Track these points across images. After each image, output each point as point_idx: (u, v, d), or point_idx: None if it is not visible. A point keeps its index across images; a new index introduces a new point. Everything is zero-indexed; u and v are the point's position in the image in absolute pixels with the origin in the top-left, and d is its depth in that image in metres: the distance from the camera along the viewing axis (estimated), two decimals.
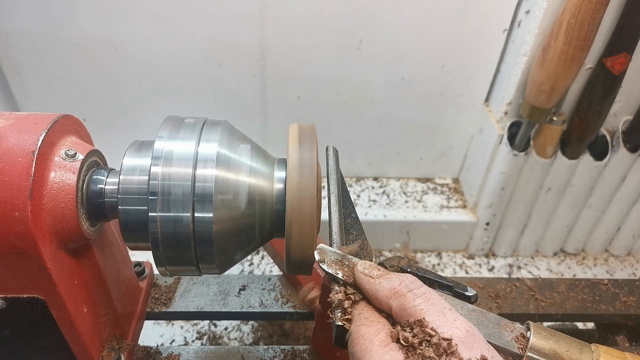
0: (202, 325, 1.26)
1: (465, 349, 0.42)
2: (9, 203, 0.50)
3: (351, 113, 1.40)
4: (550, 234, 1.46)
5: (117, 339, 0.69)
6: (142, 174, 0.56)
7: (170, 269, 0.57)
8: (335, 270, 0.51)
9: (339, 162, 0.63)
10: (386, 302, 0.47)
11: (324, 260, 0.51)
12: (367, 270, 0.49)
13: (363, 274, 0.49)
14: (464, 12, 1.21)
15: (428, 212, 1.47)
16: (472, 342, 0.43)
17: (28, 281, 0.54)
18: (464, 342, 0.42)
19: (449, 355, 0.41)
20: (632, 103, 1.22)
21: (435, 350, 0.41)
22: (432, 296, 0.46)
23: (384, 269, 0.50)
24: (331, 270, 0.51)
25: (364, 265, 0.50)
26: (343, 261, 0.52)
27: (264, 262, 1.43)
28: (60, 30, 1.19)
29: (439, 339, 0.42)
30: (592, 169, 1.29)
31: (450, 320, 0.44)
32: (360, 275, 0.49)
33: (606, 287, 0.91)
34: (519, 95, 1.22)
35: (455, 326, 0.44)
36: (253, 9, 1.17)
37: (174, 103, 1.34)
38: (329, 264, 0.51)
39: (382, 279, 0.48)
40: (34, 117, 0.56)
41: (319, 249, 0.52)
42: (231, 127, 0.60)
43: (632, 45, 1.07)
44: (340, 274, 0.50)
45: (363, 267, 0.50)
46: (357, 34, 1.24)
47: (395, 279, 0.48)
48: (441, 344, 0.42)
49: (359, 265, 0.50)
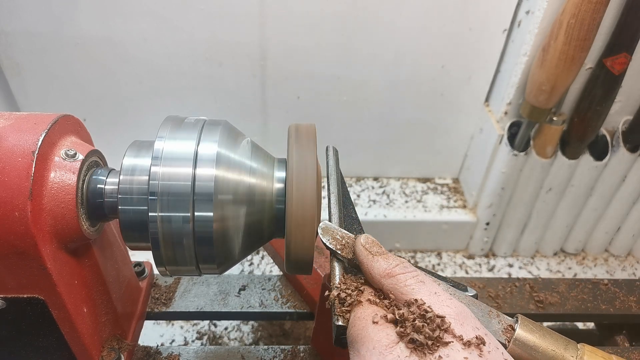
0: (202, 325, 1.26)
1: (457, 326, 0.43)
2: (9, 203, 0.50)
3: (351, 113, 1.40)
4: (550, 234, 1.46)
5: (117, 339, 0.69)
6: (142, 174, 0.56)
7: (170, 269, 0.57)
8: (336, 246, 0.52)
9: (339, 162, 0.63)
10: (379, 280, 0.49)
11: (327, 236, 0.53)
12: (368, 245, 0.51)
13: (363, 247, 0.51)
14: (464, 12, 1.21)
15: (428, 212, 1.47)
16: (463, 319, 0.44)
17: (28, 281, 0.54)
18: (455, 319, 0.44)
19: (443, 331, 0.42)
20: (632, 103, 1.22)
21: (429, 326, 0.42)
22: (424, 278, 0.48)
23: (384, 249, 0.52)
24: (332, 246, 0.52)
25: (366, 239, 0.52)
26: (345, 239, 0.53)
27: (264, 262, 1.43)
28: (60, 30, 1.19)
29: (434, 315, 0.43)
30: (592, 169, 1.29)
31: (442, 299, 0.45)
32: (360, 247, 0.51)
33: (606, 287, 0.91)
34: (519, 95, 1.22)
35: (447, 304, 0.45)
36: (253, 9, 1.17)
37: (174, 103, 1.34)
38: (331, 240, 0.53)
39: (380, 257, 0.50)
40: (34, 117, 0.56)
41: (323, 225, 0.54)
42: (231, 127, 0.60)
43: (632, 45, 1.07)
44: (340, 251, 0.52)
45: (365, 241, 0.51)
46: (357, 34, 1.24)
47: (392, 261, 0.49)
48: (435, 320, 0.43)
49: (361, 238, 0.52)
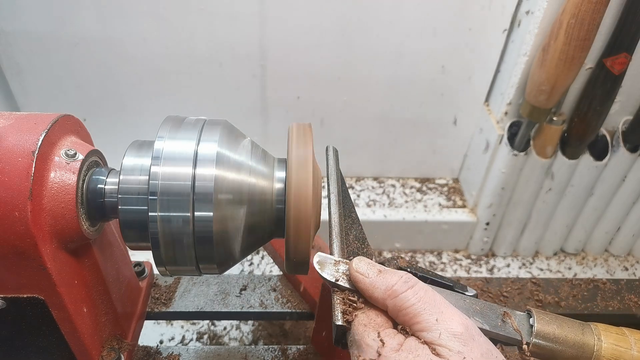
0: (202, 325, 1.26)
1: (460, 345, 0.43)
2: (9, 203, 0.50)
3: (351, 113, 1.40)
4: (550, 234, 1.46)
5: (117, 339, 0.69)
6: (142, 174, 0.56)
7: (170, 269, 0.57)
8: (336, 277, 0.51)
9: (339, 162, 0.63)
10: (382, 302, 0.47)
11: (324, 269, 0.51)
12: (362, 269, 0.49)
13: (358, 272, 0.49)
14: (464, 12, 1.21)
15: (428, 212, 1.47)
16: (468, 337, 0.44)
17: (28, 281, 0.55)
18: (459, 338, 0.43)
19: None
20: (632, 103, 1.22)
21: None
22: (426, 295, 0.46)
23: (380, 266, 0.50)
24: (331, 278, 0.51)
25: (358, 264, 0.50)
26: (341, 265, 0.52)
27: (264, 262, 1.43)
28: (61, 30, 1.19)
29: None
30: (592, 169, 1.29)
31: (447, 317, 0.45)
32: (355, 274, 0.49)
33: (606, 287, 0.91)
34: (519, 95, 1.22)
35: (453, 324, 0.44)
36: (253, 9, 1.17)
37: (174, 103, 1.34)
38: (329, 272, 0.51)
39: (378, 277, 0.48)
40: (34, 117, 0.56)
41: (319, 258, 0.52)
42: (231, 127, 0.60)
43: (632, 45, 1.07)
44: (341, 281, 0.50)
45: (357, 266, 0.49)
46: (357, 34, 1.24)
47: (390, 279, 0.48)
48: None
49: (353, 264, 0.50)
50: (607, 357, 0.50)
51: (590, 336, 0.51)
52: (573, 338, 0.51)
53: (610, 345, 0.51)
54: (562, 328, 0.52)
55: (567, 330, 0.52)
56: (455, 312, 0.46)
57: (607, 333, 0.52)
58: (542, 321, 0.52)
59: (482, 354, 0.43)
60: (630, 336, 0.52)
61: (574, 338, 0.51)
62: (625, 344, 0.51)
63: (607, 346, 0.51)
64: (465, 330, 0.44)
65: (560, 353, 0.51)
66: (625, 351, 0.50)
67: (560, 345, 0.51)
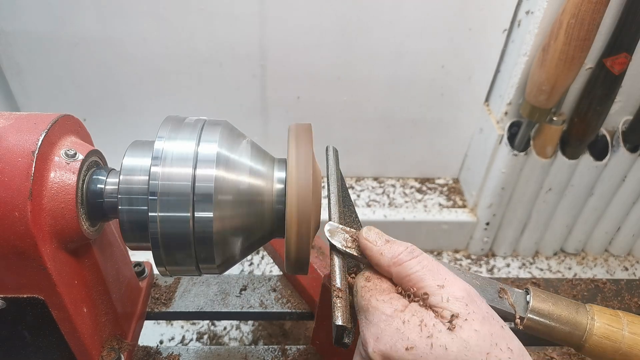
0: (202, 325, 1.26)
1: (462, 308, 0.45)
2: (9, 203, 0.50)
3: (351, 113, 1.40)
4: (550, 234, 1.46)
5: (117, 339, 0.69)
6: (142, 174, 0.56)
7: (170, 269, 0.57)
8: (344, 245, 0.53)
9: (339, 162, 0.63)
10: (387, 269, 0.50)
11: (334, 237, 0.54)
12: (371, 237, 0.52)
13: (367, 240, 0.52)
14: (464, 12, 1.21)
15: (428, 212, 1.47)
16: (470, 301, 0.46)
17: (28, 281, 0.55)
18: (461, 301, 0.45)
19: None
20: (632, 103, 1.22)
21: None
22: (430, 264, 0.49)
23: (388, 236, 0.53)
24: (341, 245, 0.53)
25: (368, 232, 0.53)
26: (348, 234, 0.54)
27: (264, 262, 1.43)
28: (60, 30, 1.19)
29: None
30: (592, 169, 1.29)
31: (450, 283, 0.47)
32: (364, 241, 0.52)
33: (606, 287, 0.91)
34: (519, 95, 1.22)
35: (455, 289, 0.46)
36: (253, 9, 1.17)
37: (174, 103, 1.34)
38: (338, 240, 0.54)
39: (385, 246, 0.51)
40: (34, 117, 0.56)
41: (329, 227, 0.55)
42: (231, 127, 0.60)
43: (632, 45, 1.07)
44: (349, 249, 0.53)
45: (367, 234, 0.52)
46: (357, 33, 1.24)
47: (397, 248, 0.50)
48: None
49: (362, 232, 0.53)
50: (598, 335, 0.52)
51: (584, 315, 0.53)
52: (567, 316, 0.53)
53: (602, 325, 0.52)
54: (557, 306, 0.54)
55: (562, 308, 0.53)
56: (457, 279, 0.48)
57: (601, 314, 0.53)
58: (538, 298, 0.54)
59: (483, 317, 0.45)
60: (624, 318, 0.53)
61: (568, 316, 0.53)
62: (618, 325, 0.52)
63: (599, 325, 0.52)
64: (467, 294, 0.46)
65: (553, 329, 0.53)
66: (616, 331, 0.52)
67: (554, 322, 0.53)
